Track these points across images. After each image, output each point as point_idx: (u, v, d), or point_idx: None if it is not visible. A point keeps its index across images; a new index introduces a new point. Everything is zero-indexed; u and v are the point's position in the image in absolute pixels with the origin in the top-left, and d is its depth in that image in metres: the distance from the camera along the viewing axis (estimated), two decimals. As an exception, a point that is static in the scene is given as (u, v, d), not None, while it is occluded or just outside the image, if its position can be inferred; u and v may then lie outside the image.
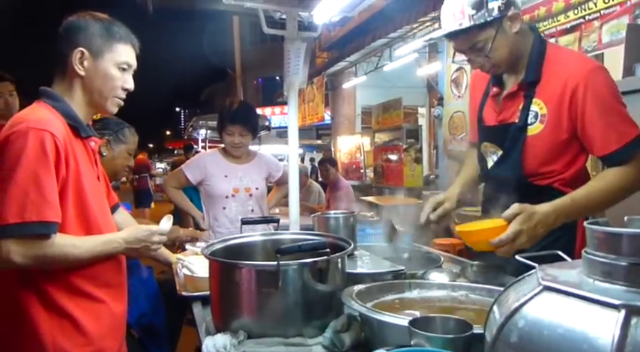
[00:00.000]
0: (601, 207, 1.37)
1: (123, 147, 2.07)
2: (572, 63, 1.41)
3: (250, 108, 2.60)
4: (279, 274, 0.99)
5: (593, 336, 0.54)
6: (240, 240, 1.32)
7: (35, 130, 1.21)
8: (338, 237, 1.33)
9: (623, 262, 0.61)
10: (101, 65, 1.36)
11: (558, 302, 0.61)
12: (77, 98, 1.37)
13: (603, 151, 1.36)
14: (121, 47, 1.39)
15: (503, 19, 1.39)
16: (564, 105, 1.38)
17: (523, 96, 1.47)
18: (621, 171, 1.34)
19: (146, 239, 1.39)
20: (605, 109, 1.34)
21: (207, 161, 2.49)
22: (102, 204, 1.44)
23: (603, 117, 1.34)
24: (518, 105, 1.47)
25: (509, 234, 1.19)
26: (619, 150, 1.33)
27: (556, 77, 1.40)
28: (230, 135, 2.42)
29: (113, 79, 1.38)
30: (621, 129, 1.33)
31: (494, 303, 0.75)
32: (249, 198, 2.47)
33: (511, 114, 1.49)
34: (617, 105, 1.35)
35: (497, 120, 1.54)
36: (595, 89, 1.34)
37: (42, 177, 1.19)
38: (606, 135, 1.34)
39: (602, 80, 1.36)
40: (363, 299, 1.13)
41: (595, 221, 0.71)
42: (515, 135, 1.47)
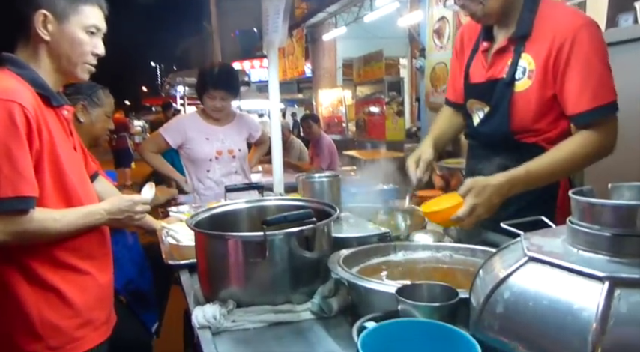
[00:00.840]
0: (559, 176, 1.38)
1: (100, 111, 2.01)
2: (563, 18, 1.37)
3: (232, 72, 2.54)
4: (265, 244, 0.99)
5: (578, 307, 0.56)
6: (225, 209, 1.31)
7: (2, 101, 1.14)
8: (323, 202, 1.32)
9: (607, 233, 0.61)
10: (67, 29, 1.28)
11: (543, 273, 0.62)
12: (44, 65, 1.29)
13: (574, 110, 1.34)
14: (88, 9, 1.30)
15: None
16: (551, 61, 1.35)
17: (512, 51, 1.43)
18: (586, 136, 1.32)
19: (129, 209, 1.37)
20: (586, 68, 1.31)
21: (186, 124, 2.44)
22: (80, 174, 1.40)
23: (582, 76, 1.31)
24: (507, 61, 1.44)
25: (465, 210, 1.24)
26: (589, 111, 1.31)
27: (546, 32, 1.37)
28: (212, 100, 2.37)
29: (81, 43, 1.30)
30: (597, 91, 1.31)
31: (480, 270, 0.76)
32: (233, 159, 2.45)
33: (500, 70, 1.47)
34: (600, 67, 1.32)
35: (486, 76, 1.51)
36: (580, 47, 1.31)
37: (14, 151, 1.14)
38: (580, 94, 1.32)
39: (589, 38, 1.32)
40: (350, 265, 1.15)
41: (579, 190, 0.71)
42: (502, 91, 1.44)
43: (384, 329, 0.68)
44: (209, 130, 2.44)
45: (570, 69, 1.33)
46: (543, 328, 0.58)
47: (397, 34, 8.78)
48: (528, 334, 0.59)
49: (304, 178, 1.51)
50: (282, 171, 2.32)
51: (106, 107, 2.04)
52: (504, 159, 1.43)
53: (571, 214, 0.68)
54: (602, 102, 1.31)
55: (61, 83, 1.38)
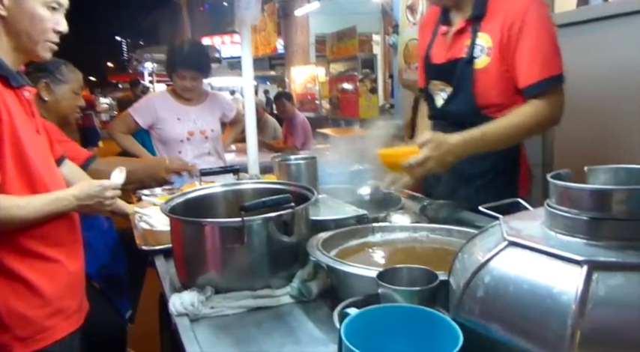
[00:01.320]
0: (512, 141, 1.46)
1: (65, 87, 1.91)
2: None
3: (202, 50, 2.46)
4: (244, 230, 0.97)
5: (557, 291, 0.56)
6: (201, 193, 1.27)
7: None
8: (300, 185, 1.31)
9: (585, 217, 0.62)
10: (26, 4, 1.20)
11: (523, 257, 0.63)
12: (1, 43, 1.21)
13: (524, 83, 1.42)
14: None
15: None
16: (504, 39, 1.43)
17: (470, 31, 1.50)
18: (535, 106, 1.40)
19: (99, 194, 1.32)
20: (535, 44, 1.40)
21: (157, 104, 2.36)
22: (45, 158, 1.34)
23: (531, 52, 1.40)
24: (466, 41, 1.51)
25: (419, 159, 1.28)
26: (538, 82, 1.39)
27: (498, 12, 1.45)
28: (181, 79, 2.29)
29: (42, 20, 1.22)
30: (544, 65, 1.40)
31: (459, 253, 0.77)
32: (205, 140, 2.39)
33: (459, 50, 1.52)
34: (547, 43, 1.41)
35: (446, 57, 1.56)
36: (529, 25, 1.39)
37: None
38: (530, 68, 1.40)
39: (536, 16, 1.40)
40: (329, 247, 1.14)
41: (557, 173, 0.72)
42: (463, 69, 1.50)
43: (366, 315, 0.68)
44: (180, 110, 2.37)
45: (520, 46, 1.41)
46: (524, 312, 0.59)
47: (370, 10, 8.69)
48: (509, 318, 0.60)
49: (280, 160, 1.48)
50: (257, 151, 2.28)
51: (72, 83, 1.94)
52: None
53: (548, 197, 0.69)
54: (550, 74, 1.39)
55: (21, 62, 1.31)
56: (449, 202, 1.57)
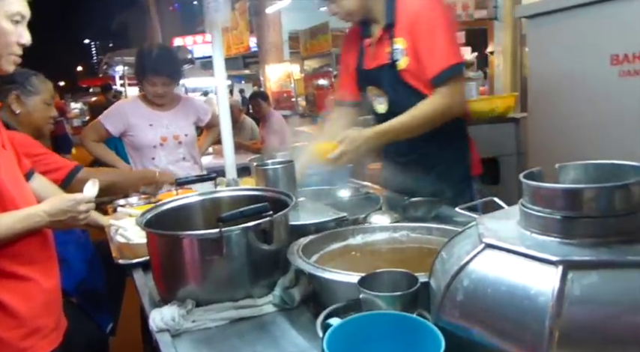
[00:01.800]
0: (419, 130, 1.59)
1: (36, 99, 1.87)
2: (410, 1, 1.57)
3: (172, 54, 2.40)
4: (222, 241, 0.96)
5: (534, 292, 0.57)
6: (177, 203, 1.25)
7: None
8: (279, 191, 1.30)
9: (558, 216, 0.63)
10: None
11: (500, 259, 0.64)
12: None
13: (429, 75, 1.54)
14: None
15: None
16: (413, 38, 1.56)
17: (388, 38, 1.63)
18: (435, 95, 1.54)
19: (71, 209, 1.28)
20: (431, 38, 1.52)
21: (128, 110, 2.31)
22: (12, 173, 1.30)
23: (429, 46, 1.53)
24: (386, 48, 1.64)
25: (336, 153, 1.50)
26: (438, 74, 1.52)
27: (404, 15, 1.58)
28: (152, 86, 2.24)
29: (5, 33, 1.18)
30: (443, 56, 1.52)
31: (438, 255, 0.77)
32: (179, 145, 2.35)
33: (383, 57, 1.66)
34: (445, 35, 1.54)
35: (374, 64, 1.70)
36: (426, 20, 1.53)
37: None
38: (431, 61, 1.53)
39: (435, 9, 1.54)
40: (309, 253, 1.14)
41: (530, 172, 0.73)
42: (390, 74, 1.63)
43: (348, 325, 0.68)
44: (152, 116, 2.32)
45: (420, 43, 1.55)
46: (503, 314, 0.59)
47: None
48: (489, 320, 0.61)
49: (257, 165, 1.47)
50: (233, 154, 2.25)
51: (43, 94, 1.90)
52: None
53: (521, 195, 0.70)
54: (448, 64, 1.51)
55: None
56: (428, 199, 1.59)
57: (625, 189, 0.61)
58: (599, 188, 0.61)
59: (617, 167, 0.70)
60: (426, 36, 1.53)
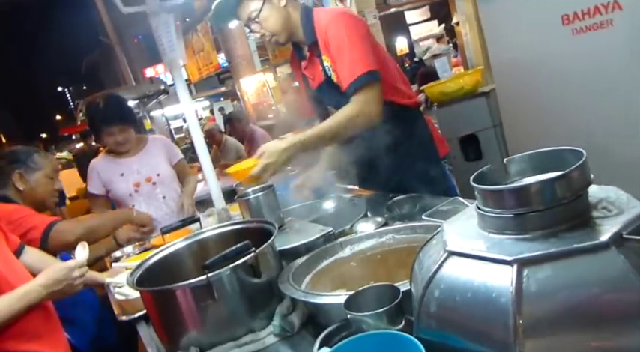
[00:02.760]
0: (338, 137, 1.65)
1: (39, 174, 1.92)
2: (322, 18, 1.64)
3: (120, 101, 2.41)
4: (212, 287, 0.99)
5: (496, 295, 0.60)
6: (165, 253, 1.28)
7: None
8: (261, 220, 1.33)
9: (509, 214, 0.66)
10: None
11: (463, 265, 0.67)
12: None
13: (344, 85, 1.60)
14: None
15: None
16: (330, 56, 1.62)
17: (316, 56, 1.70)
18: (350, 104, 1.58)
19: (66, 277, 1.32)
20: (343, 51, 1.57)
21: (98, 169, 2.33)
22: (4, 257, 1.34)
23: (341, 61, 1.58)
24: (319, 67, 1.72)
25: (258, 169, 1.53)
26: (349, 85, 1.57)
27: (320, 34, 1.64)
28: (110, 136, 2.26)
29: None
30: (353, 67, 1.56)
31: (414, 264, 0.81)
32: (154, 186, 2.36)
33: (320, 74, 1.73)
34: (354, 46, 1.57)
35: (317, 83, 1.77)
36: (335, 34, 1.58)
37: None
38: (343, 74, 1.59)
39: (340, 25, 1.58)
40: (301, 276, 1.17)
41: (480, 173, 0.76)
42: (330, 89, 1.71)
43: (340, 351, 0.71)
44: (121, 165, 2.34)
45: (334, 55, 1.60)
46: (472, 319, 0.62)
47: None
48: (461, 327, 0.64)
49: (238, 197, 1.50)
50: (217, 184, 2.27)
51: (46, 169, 1.95)
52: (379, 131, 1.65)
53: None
54: (359, 74, 1.55)
55: None
56: (409, 196, 1.63)
57: (564, 178, 0.64)
58: (541, 182, 0.65)
59: (558, 153, 0.73)
60: (336, 53, 1.59)
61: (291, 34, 1.72)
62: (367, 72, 1.56)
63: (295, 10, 1.70)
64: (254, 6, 1.63)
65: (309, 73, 1.80)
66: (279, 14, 1.66)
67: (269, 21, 1.66)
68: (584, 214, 0.65)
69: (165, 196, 2.38)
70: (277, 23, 1.67)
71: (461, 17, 5.84)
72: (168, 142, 2.60)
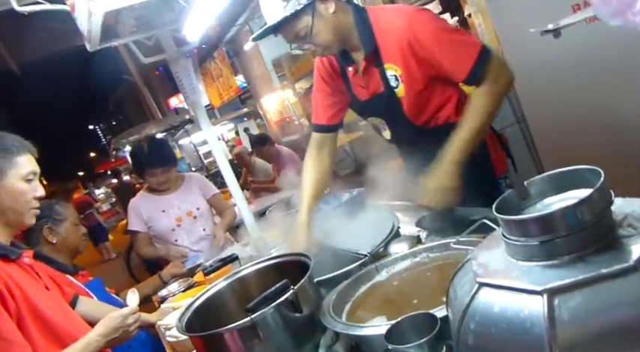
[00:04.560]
0: (488, 126, 1.53)
1: (66, 224, 2.03)
2: (394, 21, 1.51)
3: (163, 144, 2.56)
4: (256, 328, 1.03)
5: (529, 325, 0.62)
6: (208, 294, 1.33)
7: None
8: (297, 254, 1.37)
9: (535, 242, 0.67)
10: (7, 183, 1.31)
11: (495, 296, 0.68)
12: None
13: (460, 79, 1.49)
14: (21, 159, 1.34)
15: (316, 4, 1.44)
16: (409, 59, 1.49)
17: (375, 66, 1.56)
18: (481, 89, 1.46)
19: (121, 324, 1.39)
20: (442, 43, 1.45)
21: (139, 207, 2.45)
22: (61, 310, 1.42)
23: (444, 51, 1.45)
24: (377, 77, 1.57)
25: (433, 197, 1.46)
26: (470, 71, 1.45)
27: (389, 39, 1.50)
28: (153, 176, 2.38)
29: (23, 193, 1.33)
30: (463, 53, 1.45)
31: (448, 294, 0.82)
32: (195, 220, 2.47)
33: (377, 84, 1.59)
34: (450, 35, 1.47)
35: (369, 94, 1.63)
36: (424, 33, 1.45)
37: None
38: (455, 64, 1.46)
39: (424, 22, 1.46)
40: (341, 305, 1.20)
41: (502, 199, 0.77)
42: (388, 103, 1.59)
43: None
44: (162, 202, 2.46)
45: (432, 53, 1.47)
46: (509, 350, 0.64)
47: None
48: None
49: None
50: (249, 210, 2.34)
51: (70, 217, 2.06)
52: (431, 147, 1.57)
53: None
54: (473, 57, 1.44)
55: (13, 234, 1.39)
56: (442, 210, 1.62)
57: (585, 203, 0.65)
58: (563, 209, 0.66)
59: (577, 173, 0.74)
60: (435, 46, 1.44)
61: (344, 41, 1.56)
62: (479, 51, 1.43)
63: (346, 14, 1.53)
64: (302, 23, 1.45)
65: (362, 81, 1.63)
66: (330, 25, 1.48)
67: (320, 36, 1.49)
68: (609, 234, 0.66)
69: (206, 229, 2.48)
70: (329, 35, 1.50)
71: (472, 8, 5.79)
72: (203, 179, 2.72)
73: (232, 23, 9.00)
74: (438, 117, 1.60)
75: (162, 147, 2.50)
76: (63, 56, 12.22)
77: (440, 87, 1.57)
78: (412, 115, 1.58)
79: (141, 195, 2.56)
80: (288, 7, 1.41)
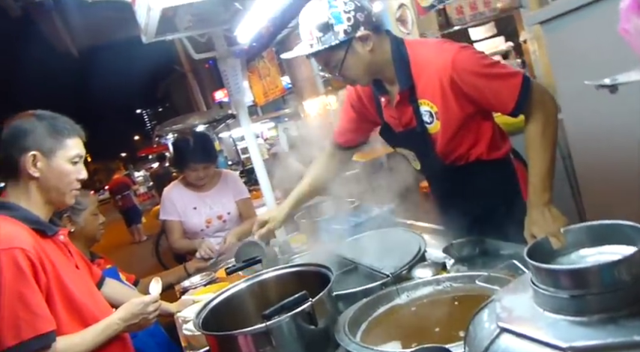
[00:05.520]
0: (554, 156, 1.42)
1: (85, 214, 2.07)
2: (435, 57, 1.46)
3: (206, 140, 2.59)
4: (271, 334, 1.04)
5: (549, 381, 0.59)
6: (227, 294, 1.35)
7: (5, 251, 1.23)
8: (319, 264, 1.37)
9: (565, 295, 0.65)
10: (54, 163, 1.37)
11: (515, 344, 0.66)
12: (35, 199, 1.37)
13: (507, 111, 1.43)
14: (71, 141, 1.40)
15: (353, 40, 1.41)
16: (448, 96, 1.44)
17: (409, 102, 1.52)
18: (533, 122, 1.41)
19: (142, 311, 1.43)
20: (486, 78, 1.41)
21: (173, 198, 2.49)
22: (88, 290, 1.46)
23: (489, 85, 1.41)
24: (411, 112, 1.54)
25: None
26: (516, 104, 1.40)
27: (428, 75, 1.46)
28: (194, 171, 2.42)
29: (68, 174, 1.39)
30: (506, 87, 1.40)
31: (467, 332, 0.80)
32: (224, 224, 2.49)
33: (409, 119, 1.56)
34: (491, 69, 1.42)
35: (402, 126, 1.60)
36: (467, 70, 1.40)
37: (26, 294, 1.22)
38: (500, 98, 1.41)
39: (467, 59, 1.42)
40: (357, 323, 1.19)
41: (535, 244, 0.75)
42: (420, 138, 1.55)
43: None
44: (195, 199, 2.48)
45: (475, 89, 1.42)
46: (525, 403, 0.62)
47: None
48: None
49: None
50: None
51: (90, 207, 2.09)
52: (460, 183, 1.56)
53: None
54: (517, 89, 1.39)
55: (52, 212, 1.45)
56: (471, 239, 1.59)
57: (624, 262, 0.62)
58: (599, 266, 0.63)
59: (617, 227, 0.70)
60: (478, 81, 1.41)
61: (377, 74, 1.53)
62: (522, 81, 1.39)
63: (383, 51, 1.48)
64: (335, 56, 1.42)
65: (395, 113, 1.59)
66: (363, 62, 1.45)
67: (350, 71, 1.46)
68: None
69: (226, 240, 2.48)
70: (359, 71, 1.47)
71: (528, 35, 5.65)
72: (237, 179, 2.72)
73: (285, 25, 9.13)
74: (470, 154, 1.56)
75: (207, 143, 2.53)
76: (119, 43, 12.73)
77: (475, 124, 1.53)
78: (443, 153, 1.55)
79: (175, 185, 2.59)
80: (324, 38, 1.39)
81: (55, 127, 1.38)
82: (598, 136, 2.21)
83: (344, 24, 1.38)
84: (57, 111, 1.45)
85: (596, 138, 2.23)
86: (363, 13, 1.41)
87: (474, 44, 10.16)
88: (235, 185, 2.61)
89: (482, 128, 1.55)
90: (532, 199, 1.36)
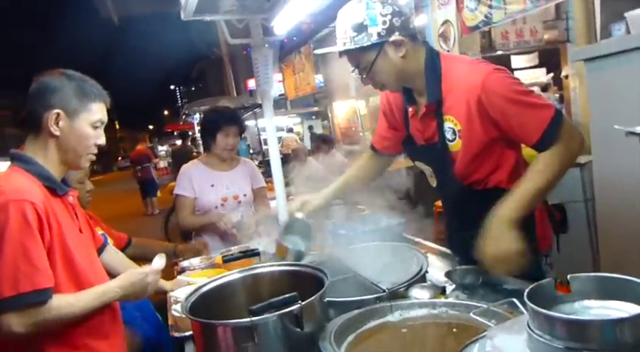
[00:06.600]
0: (548, 188, 1.38)
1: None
2: (467, 75, 1.42)
3: (237, 113, 2.67)
4: (254, 330, 1.02)
5: None
6: (220, 282, 1.34)
7: (15, 202, 1.23)
8: (316, 267, 1.35)
9: (560, 345, 0.62)
10: (76, 125, 1.38)
11: (500, 387, 0.63)
12: (51, 157, 1.39)
13: (530, 143, 1.38)
14: (95, 106, 1.41)
15: (386, 44, 1.39)
16: (474, 116, 1.40)
17: (434, 116, 1.49)
18: (551, 150, 1.35)
19: (141, 282, 1.43)
20: (513, 106, 1.36)
21: (191, 174, 2.50)
22: (88, 255, 1.47)
23: (515, 114, 1.36)
24: (434, 126, 1.51)
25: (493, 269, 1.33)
26: (541, 137, 1.35)
27: (457, 92, 1.43)
28: (225, 136, 2.43)
29: (88, 137, 1.40)
30: (535, 118, 1.35)
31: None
32: (238, 205, 2.49)
33: (432, 133, 1.53)
34: (523, 97, 1.37)
35: (424, 140, 1.58)
36: (496, 93, 1.36)
37: (29, 247, 1.23)
38: (526, 129, 1.37)
39: (499, 82, 1.37)
40: (345, 334, 1.16)
41: (538, 285, 0.71)
42: (440, 154, 1.52)
43: None
44: (213, 177, 2.49)
45: (501, 114, 1.37)
46: None
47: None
48: None
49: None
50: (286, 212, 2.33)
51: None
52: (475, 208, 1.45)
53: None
54: (545, 123, 1.34)
55: (65, 172, 1.47)
56: (475, 267, 1.55)
57: (630, 321, 0.59)
58: (604, 321, 0.60)
59: (629, 284, 0.67)
60: (507, 107, 1.36)
61: (407, 82, 1.51)
62: (553, 116, 1.34)
63: (417, 59, 1.47)
64: (366, 57, 1.41)
65: (419, 125, 1.57)
66: (394, 67, 1.43)
67: (379, 75, 1.45)
68: (647, 363, 0.59)
69: (243, 216, 2.49)
70: (389, 76, 1.46)
71: (571, 71, 5.52)
72: (255, 168, 2.74)
73: (326, 24, 9.13)
74: (489, 180, 1.51)
75: (237, 115, 2.59)
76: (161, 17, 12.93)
77: (498, 150, 1.48)
78: (461, 174, 1.51)
79: (194, 163, 2.60)
80: (358, 39, 1.38)
81: (82, 89, 1.39)
82: (625, 184, 2.14)
83: (378, 26, 1.38)
84: (90, 76, 1.46)
85: (623, 186, 2.16)
86: (400, 18, 1.40)
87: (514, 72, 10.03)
88: (254, 172, 2.64)
89: (504, 155, 1.50)
90: (501, 212, 1.32)
